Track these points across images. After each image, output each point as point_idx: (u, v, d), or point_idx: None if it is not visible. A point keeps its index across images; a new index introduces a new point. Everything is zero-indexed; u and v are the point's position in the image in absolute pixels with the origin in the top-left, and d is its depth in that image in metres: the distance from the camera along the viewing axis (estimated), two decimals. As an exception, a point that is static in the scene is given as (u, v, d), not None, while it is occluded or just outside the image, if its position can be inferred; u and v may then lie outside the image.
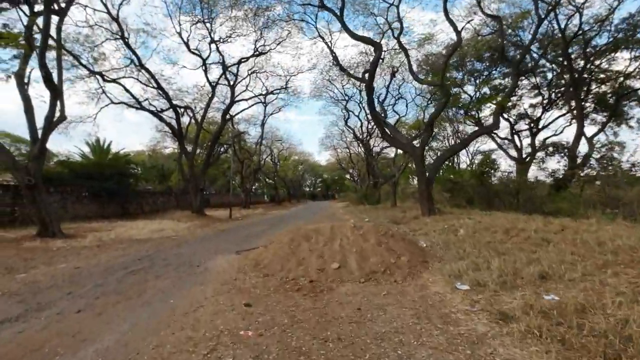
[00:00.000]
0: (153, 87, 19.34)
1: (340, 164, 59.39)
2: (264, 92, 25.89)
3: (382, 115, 26.46)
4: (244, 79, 23.75)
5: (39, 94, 39.20)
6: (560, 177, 19.11)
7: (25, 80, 10.52)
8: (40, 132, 10.61)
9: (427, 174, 14.16)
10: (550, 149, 19.10)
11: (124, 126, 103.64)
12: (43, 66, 9.24)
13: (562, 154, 18.71)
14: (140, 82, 19.12)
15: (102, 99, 21.23)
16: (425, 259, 6.46)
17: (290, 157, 60.39)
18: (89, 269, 6.37)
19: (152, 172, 44.07)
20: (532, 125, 25.98)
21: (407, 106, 27.97)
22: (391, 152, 45.25)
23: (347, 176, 79.87)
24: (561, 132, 25.62)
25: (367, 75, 17.06)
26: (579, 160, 19.20)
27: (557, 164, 25.43)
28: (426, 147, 38.93)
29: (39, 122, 10.62)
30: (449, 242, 8.22)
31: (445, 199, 25.30)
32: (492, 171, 19.89)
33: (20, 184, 10.27)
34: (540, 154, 22.49)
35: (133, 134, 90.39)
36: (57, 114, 10.94)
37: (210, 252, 8.27)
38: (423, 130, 14.78)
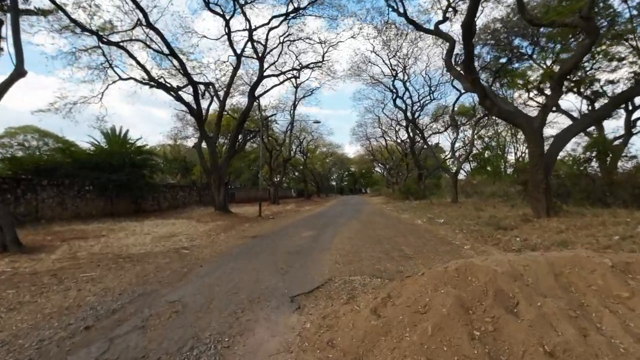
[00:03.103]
0: (164, 54, 15.63)
1: (373, 154, 54.66)
2: (297, 67, 21.78)
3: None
4: (274, 48, 19.70)
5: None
6: None
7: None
8: None
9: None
10: None
11: (153, 124, 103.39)
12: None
13: None
14: (149, 47, 15.44)
15: (109, 76, 18.02)
16: None
17: (316, 149, 56.24)
18: None
19: (174, 164, 41.37)
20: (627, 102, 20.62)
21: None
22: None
23: (377, 169, 75.19)
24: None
25: (441, 26, 12.60)
26: None
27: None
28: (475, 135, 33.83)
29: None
30: None
31: (516, 193, 20.55)
32: (607, 158, 14.96)
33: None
34: None
35: (161, 133, 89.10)
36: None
37: (239, 296, 4.25)
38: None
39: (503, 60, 23.05)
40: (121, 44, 14.26)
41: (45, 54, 22.07)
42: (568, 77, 21.09)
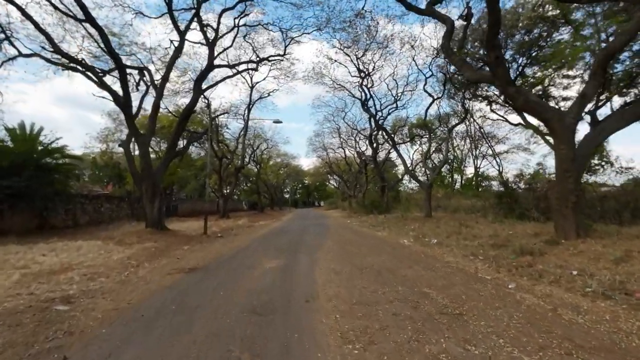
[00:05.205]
0: (78, 20, 11.90)
1: (330, 166, 52.45)
2: (255, 60, 18.76)
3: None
4: (228, 32, 16.58)
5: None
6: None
7: None
8: None
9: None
10: None
11: (92, 130, 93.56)
12: None
13: None
14: (59, 9, 11.62)
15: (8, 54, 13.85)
16: None
17: (270, 160, 52.81)
18: None
19: (106, 172, 35.81)
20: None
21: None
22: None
23: (332, 182, 73.31)
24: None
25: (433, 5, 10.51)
26: None
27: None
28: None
29: None
30: None
31: (489, 209, 19.12)
32: (603, 168, 13.77)
33: None
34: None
35: (88, 133, 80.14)
36: None
37: None
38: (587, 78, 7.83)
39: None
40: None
41: None
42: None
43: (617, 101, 17.87)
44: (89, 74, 13.62)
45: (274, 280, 5.82)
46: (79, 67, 13.41)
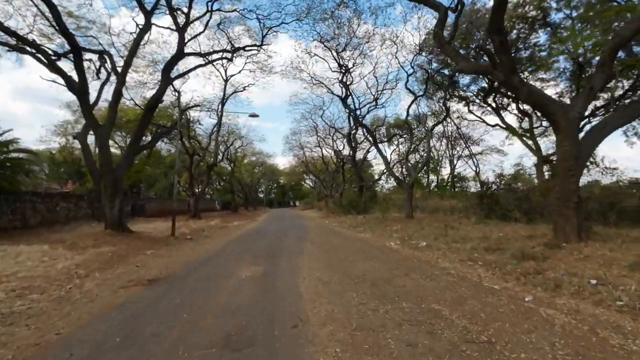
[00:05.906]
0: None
1: (307, 165, 51.51)
2: (229, 49, 17.54)
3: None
4: (200, 17, 15.30)
5: None
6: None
7: None
8: None
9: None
10: None
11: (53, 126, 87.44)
12: None
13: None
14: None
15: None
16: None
17: (244, 158, 51.11)
18: None
19: (65, 168, 33.19)
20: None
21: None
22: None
23: (308, 181, 72.39)
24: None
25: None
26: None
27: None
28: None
29: None
30: None
31: (470, 210, 18.82)
32: (588, 169, 13.64)
33: None
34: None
35: (44, 126, 75.11)
36: None
37: None
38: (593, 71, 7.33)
39: (446, 71, 21.62)
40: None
41: None
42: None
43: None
44: (39, 55, 12.02)
45: (252, 294, 4.85)
46: (26, 46, 11.79)
